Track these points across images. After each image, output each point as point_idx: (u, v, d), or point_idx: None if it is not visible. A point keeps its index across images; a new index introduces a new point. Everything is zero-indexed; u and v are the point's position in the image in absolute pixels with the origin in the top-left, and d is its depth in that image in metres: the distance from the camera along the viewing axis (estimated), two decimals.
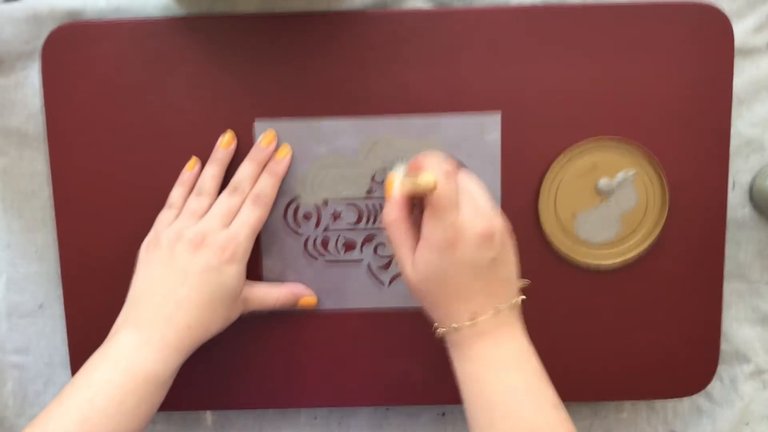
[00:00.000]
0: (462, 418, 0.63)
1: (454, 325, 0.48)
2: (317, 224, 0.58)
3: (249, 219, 0.53)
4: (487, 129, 0.56)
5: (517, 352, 0.49)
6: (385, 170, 0.57)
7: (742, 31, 0.58)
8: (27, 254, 0.61)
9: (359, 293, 0.59)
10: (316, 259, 0.58)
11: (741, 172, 0.60)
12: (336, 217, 0.57)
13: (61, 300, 0.59)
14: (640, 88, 0.56)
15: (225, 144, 0.56)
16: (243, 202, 0.54)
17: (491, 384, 0.48)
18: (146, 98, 0.56)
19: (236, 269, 0.52)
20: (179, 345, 0.50)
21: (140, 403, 0.48)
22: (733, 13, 0.57)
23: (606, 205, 0.57)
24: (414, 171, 0.50)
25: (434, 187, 0.46)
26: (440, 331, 0.50)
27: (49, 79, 0.56)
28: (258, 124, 0.56)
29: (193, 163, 0.56)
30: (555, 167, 0.56)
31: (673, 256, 0.58)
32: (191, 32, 0.56)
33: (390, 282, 0.58)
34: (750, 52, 0.58)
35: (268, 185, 0.55)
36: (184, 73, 0.56)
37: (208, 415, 0.64)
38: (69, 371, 0.61)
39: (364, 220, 0.58)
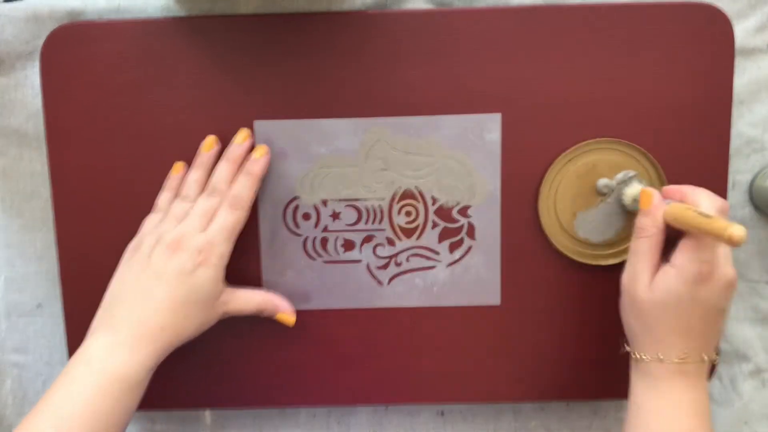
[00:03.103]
0: (461, 417, 0.64)
1: (661, 356, 0.49)
2: (316, 224, 0.58)
3: (226, 222, 0.53)
4: (487, 129, 0.56)
5: (701, 404, 0.49)
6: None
7: (742, 32, 0.58)
8: (26, 254, 0.61)
9: (358, 293, 0.59)
10: (315, 259, 0.58)
11: (741, 173, 0.60)
12: (335, 217, 0.57)
13: (60, 299, 0.59)
14: (641, 88, 0.56)
15: (207, 147, 0.55)
16: (220, 204, 0.53)
17: (671, 424, 0.48)
18: (146, 98, 0.56)
19: (211, 273, 0.51)
20: (152, 347, 0.50)
21: (114, 404, 0.48)
22: (733, 14, 0.57)
23: (606, 204, 0.57)
24: (677, 198, 0.51)
25: (740, 243, 0.44)
26: (637, 355, 0.50)
27: (48, 79, 0.56)
28: (258, 124, 0.56)
29: (179, 167, 0.56)
30: (555, 167, 0.56)
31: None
32: (191, 32, 0.56)
33: (389, 281, 0.58)
34: (751, 52, 0.58)
35: (245, 187, 0.54)
36: (184, 73, 0.56)
37: (207, 414, 0.64)
38: None
39: (363, 220, 0.57)
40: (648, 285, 0.49)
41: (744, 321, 0.62)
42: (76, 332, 0.59)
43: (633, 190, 0.55)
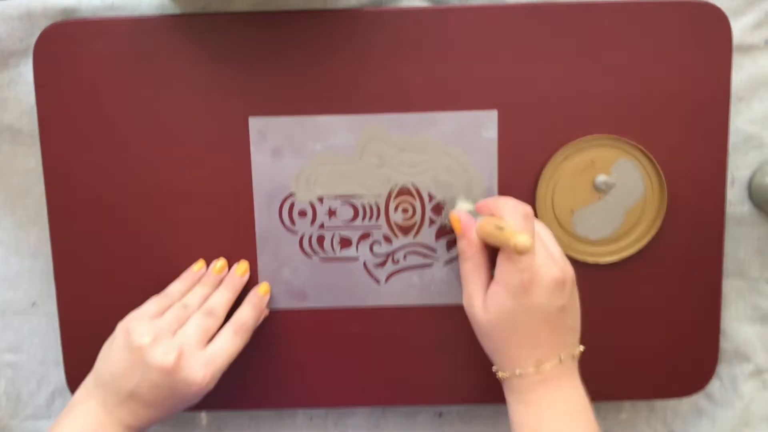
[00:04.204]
0: (459, 418, 0.63)
1: (517, 371, 0.49)
2: (312, 221, 0.57)
3: (230, 348, 0.52)
4: (483, 126, 0.56)
5: (575, 401, 0.50)
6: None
7: (740, 28, 0.58)
8: (20, 251, 0.61)
9: (355, 291, 0.58)
10: (311, 256, 0.58)
11: (740, 169, 0.60)
12: (331, 214, 0.57)
13: (55, 298, 0.59)
14: (639, 85, 0.56)
15: (217, 270, 0.57)
16: (220, 326, 0.54)
17: (547, 430, 0.48)
18: (140, 96, 0.56)
19: (207, 390, 0.51)
20: (136, 426, 0.50)
21: None
22: (731, 11, 0.57)
23: (604, 201, 0.57)
24: (486, 212, 0.51)
25: (527, 252, 0.46)
26: (501, 375, 0.51)
27: (42, 77, 0.56)
28: (253, 121, 0.56)
29: (199, 266, 0.57)
30: (552, 164, 0.56)
31: (671, 254, 0.58)
32: (186, 30, 0.55)
33: (386, 279, 0.58)
34: (749, 49, 0.58)
35: (250, 318, 0.55)
36: (179, 70, 0.56)
37: (203, 416, 0.64)
38: (62, 370, 0.60)
39: (360, 217, 0.57)
40: (482, 306, 0.50)
41: (744, 320, 0.62)
42: (70, 331, 0.59)
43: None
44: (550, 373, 0.49)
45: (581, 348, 0.51)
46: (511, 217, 0.49)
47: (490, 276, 0.50)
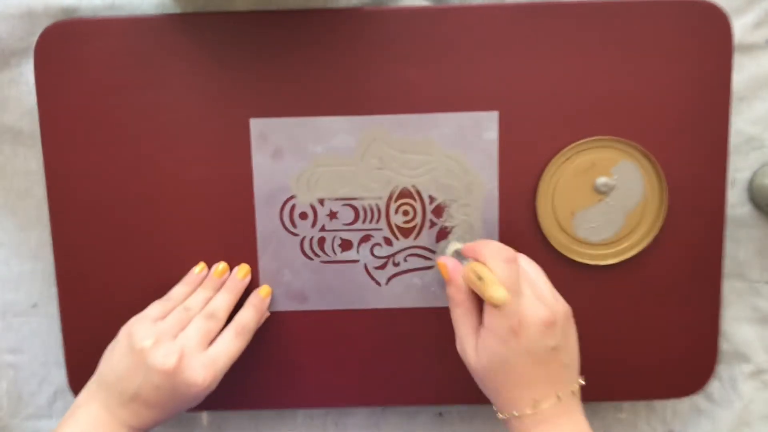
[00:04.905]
0: (459, 418, 0.63)
1: (515, 413, 0.49)
2: (313, 224, 0.57)
3: (231, 349, 0.53)
4: (484, 127, 0.56)
5: None
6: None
7: (741, 28, 0.57)
8: (21, 253, 0.61)
9: (356, 293, 0.58)
10: (312, 259, 0.58)
11: (740, 170, 0.59)
12: (332, 216, 0.57)
13: (56, 299, 0.59)
14: (639, 85, 0.56)
15: (218, 273, 0.57)
16: (220, 328, 0.54)
17: None
18: (141, 96, 0.56)
19: (209, 391, 0.52)
20: (139, 427, 0.51)
21: None
22: (732, 10, 0.56)
23: (604, 203, 0.57)
24: (471, 256, 0.51)
25: (502, 305, 0.46)
26: (500, 416, 0.50)
27: (43, 76, 0.56)
28: (254, 122, 0.56)
29: (201, 268, 0.57)
30: (553, 166, 0.56)
31: (671, 255, 0.58)
32: (186, 30, 0.55)
33: (386, 282, 0.58)
34: (749, 48, 0.58)
35: (251, 320, 0.55)
36: (180, 70, 0.56)
37: (204, 416, 0.64)
38: (63, 371, 0.60)
39: (361, 219, 0.57)
40: (474, 353, 0.50)
41: (743, 321, 0.62)
42: (72, 332, 0.59)
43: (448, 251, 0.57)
44: (548, 412, 0.48)
45: (581, 382, 0.50)
46: (492, 264, 0.48)
47: (480, 320, 0.50)
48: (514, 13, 0.55)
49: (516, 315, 0.47)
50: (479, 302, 0.50)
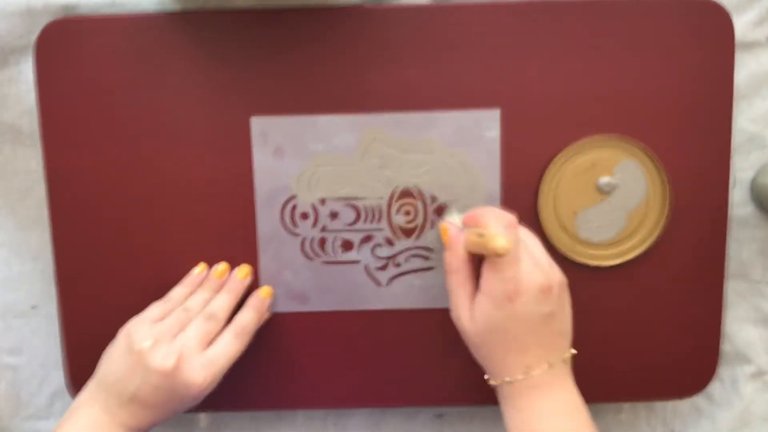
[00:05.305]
0: (459, 419, 0.63)
1: (507, 378, 0.49)
2: (314, 224, 0.57)
3: (230, 350, 0.53)
4: (486, 126, 0.56)
5: (568, 403, 0.50)
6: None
7: (742, 25, 0.57)
8: (21, 253, 0.61)
9: (356, 294, 0.58)
10: (313, 259, 0.58)
11: (743, 170, 0.59)
12: (333, 216, 0.57)
13: (56, 300, 0.58)
14: (641, 84, 0.56)
15: (218, 274, 0.57)
16: (220, 329, 0.54)
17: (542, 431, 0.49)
18: (141, 94, 0.56)
19: (208, 392, 0.51)
20: (138, 428, 0.51)
21: None
22: (733, 8, 0.56)
23: (607, 203, 0.56)
24: (472, 224, 0.51)
25: (505, 253, 0.46)
26: (492, 382, 0.51)
27: (43, 75, 0.55)
28: (254, 121, 0.56)
29: (201, 268, 0.57)
30: (555, 165, 0.56)
31: (673, 256, 0.58)
32: (186, 28, 0.55)
33: (387, 282, 0.58)
34: (751, 46, 0.58)
35: (251, 321, 0.55)
36: (180, 68, 0.55)
37: (203, 417, 0.63)
38: (63, 372, 0.60)
39: (362, 219, 0.57)
40: (469, 318, 0.50)
41: (746, 322, 0.62)
42: (71, 333, 0.59)
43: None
44: (539, 378, 0.49)
45: (573, 351, 0.51)
46: (494, 226, 0.49)
47: (476, 288, 0.50)
48: (516, 10, 0.55)
49: (513, 279, 0.47)
50: (475, 270, 0.50)
